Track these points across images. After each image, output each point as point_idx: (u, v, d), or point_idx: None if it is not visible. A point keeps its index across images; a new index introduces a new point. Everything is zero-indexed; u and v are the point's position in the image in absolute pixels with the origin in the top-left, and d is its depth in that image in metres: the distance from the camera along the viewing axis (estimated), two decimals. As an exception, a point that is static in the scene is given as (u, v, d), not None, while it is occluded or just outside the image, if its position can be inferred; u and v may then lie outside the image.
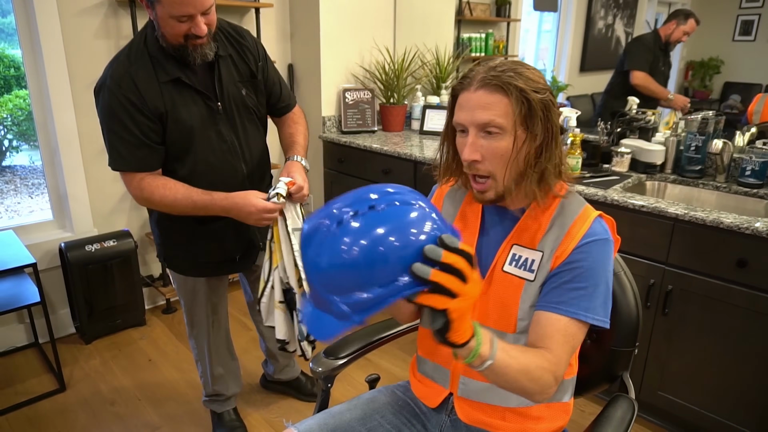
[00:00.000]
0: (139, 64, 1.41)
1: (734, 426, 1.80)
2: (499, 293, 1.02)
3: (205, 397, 1.98)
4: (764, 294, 1.65)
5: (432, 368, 1.12)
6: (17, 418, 2.07)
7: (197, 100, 1.49)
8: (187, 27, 1.35)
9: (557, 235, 0.99)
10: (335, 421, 1.11)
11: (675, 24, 3.23)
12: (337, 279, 0.71)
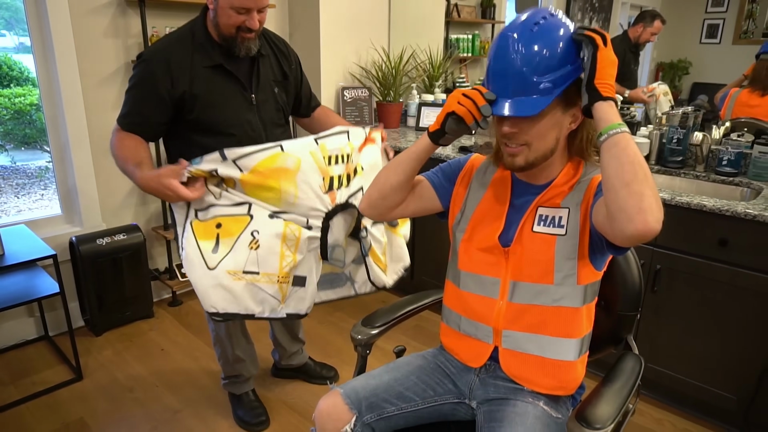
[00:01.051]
0: (178, 47, 1.54)
1: (717, 392, 1.98)
2: (532, 252, 1.14)
3: (224, 380, 2.07)
4: (744, 270, 1.83)
5: (474, 327, 1.23)
6: (37, 406, 2.12)
7: (234, 88, 1.61)
8: (242, 19, 1.50)
9: (579, 193, 1.12)
10: (375, 381, 1.23)
11: (642, 26, 3.44)
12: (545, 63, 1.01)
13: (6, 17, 3.48)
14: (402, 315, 1.40)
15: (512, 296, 1.17)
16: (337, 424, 1.17)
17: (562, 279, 1.12)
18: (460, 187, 1.27)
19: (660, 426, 2.07)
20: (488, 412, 1.18)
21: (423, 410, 1.23)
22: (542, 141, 1.08)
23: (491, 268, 1.20)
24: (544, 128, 1.06)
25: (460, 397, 1.26)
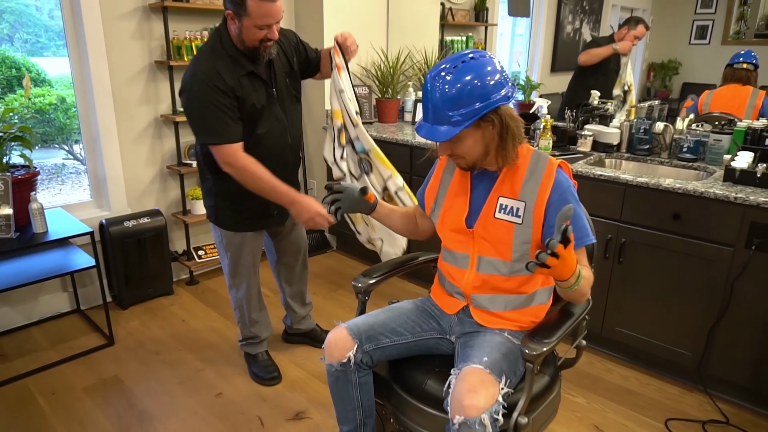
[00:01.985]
0: (220, 61, 1.80)
1: (675, 349, 2.25)
2: (494, 234, 1.41)
3: (242, 341, 2.35)
4: (694, 240, 2.10)
5: (452, 288, 1.52)
6: (76, 366, 2.40)
7: (262, 88, 1.89)
8: (264, 33, 1.77)
9: (533, 187, 1.38)
10: (373, 319, 1.51)
11: (626, 29, 3.66)
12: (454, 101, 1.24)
13: (11, 21, 3.72)
14: (395, 270, 1.68)
15: (478, 267, 1.45)
16: (342, 351, 1.44)
17: (518, 257, 1.40)
18: (435, 182, 1.56)
19: (626, 381, 2.33)
20: (463, 342, 1.45)
21: (412, 343, 1.51)
22: (470, 154, 1.35)
23: (461, 245, 1.48)
24: (467, 147, 1.33)
25: (442, 333, 1.53)
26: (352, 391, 1.48)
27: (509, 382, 1.28)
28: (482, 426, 1.19)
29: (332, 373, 1.47)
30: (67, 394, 2.20)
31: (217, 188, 2.02)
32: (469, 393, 1.21)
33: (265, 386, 2.27)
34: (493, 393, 1.23)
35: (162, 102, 2.97)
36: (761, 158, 2.16)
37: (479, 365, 1.27)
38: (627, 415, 2.12)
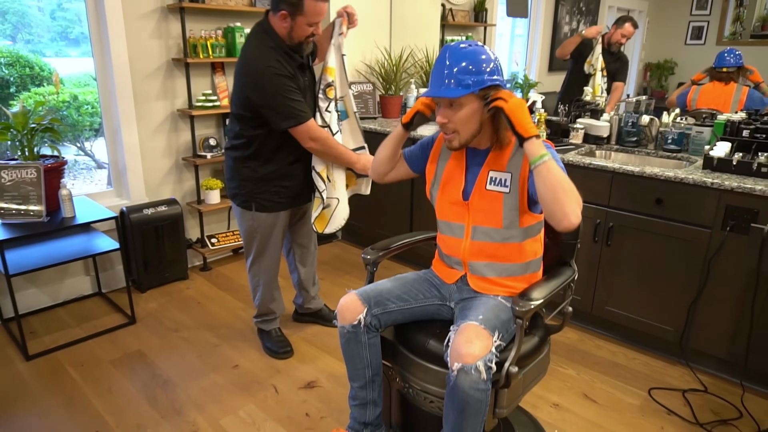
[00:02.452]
0: (277, 55, 2.02)
1: (659, 326, 2.42)
2: (486, 203, 1.59)
3: (258, 318, 2.52)
4: (675, 223, 2.27)
5: (450, 259, 1.69)
6: (102, 341, 2.57)
7: (305, 78, 2.16)
8: (311, 30, 2.04)
9: (518, 160, 1.55)
10: (381, 287, 1.68)
11: (614, 28, 3.83)
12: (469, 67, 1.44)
13: (13, 22, 3.87)
14: (399, 245, 1.86)
15: (473, 236, 1.62)
16: (354, 314, 1.61)
17: (509, 224, 1.57)
18: (432, 162, 1.72)
19: (614, 356, 2.51)
20: (462, 306, 1.63)
21: (416, 308, 1.68)
22: (465, 125, 1.50)
23: (457, 216, 1.65)
24: (464, 115, 1.48)
25: (442, 300, 1.71)
26: (361, 351, 1.65)
27: (501, 337, 1.45)
28: (477, 372, 1.36)
29: (344, 334, 1.64)
30: (95, 366, 2.37)
31: (258, 174, 2.21)
32: (466, 344, 1.38)
33: (279, 359, 2.44)
34: (487, 344, 1.40)
35: (178, 97, 3.14)
36: (738, 148, 2.34)
37: (475, 321, 1.44)
38: (613, 385, 2.29)
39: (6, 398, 2.15)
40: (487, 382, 1.38)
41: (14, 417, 2.04)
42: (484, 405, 1.40)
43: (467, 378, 1.36)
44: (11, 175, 2.41)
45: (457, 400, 1.40)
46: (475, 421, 1.42)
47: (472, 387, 1.37)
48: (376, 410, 1.71)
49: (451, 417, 1.44)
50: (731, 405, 2.16)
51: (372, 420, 1.71)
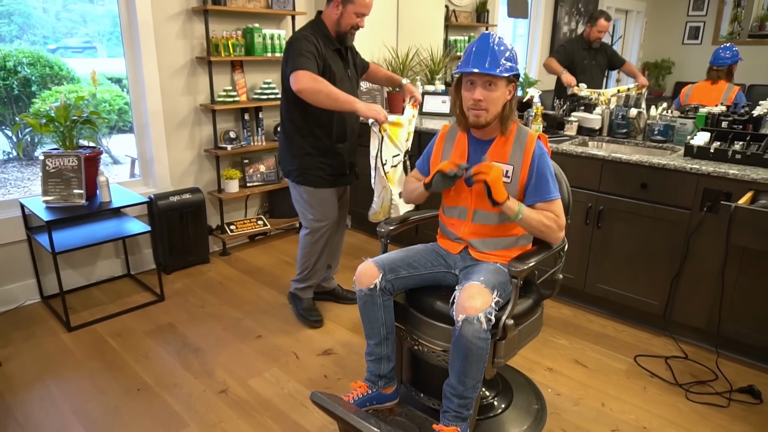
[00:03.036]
0: (314, 34, 2.37)
1: (645, 300, 2.65)
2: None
3: (298, 284, 2.75)
4: (659, 206, 2.50)
5: (453, 235, 1.93)
6: (135, 315, 2.81)
7: (342, 65, 2.47)
8: (357, 21, 2.38)
9: (519, 154, 1.79)
10: (393, 256, 1.91)
11: (589, 26, 4.07)
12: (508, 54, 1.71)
13: (19, 23, 4.04)
14: (409, 222, 2.09)
15: (474, 219, 1.85)
16: (370, 279, 1.84)
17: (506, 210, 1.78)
18: (437, 153, 1.96)
19: (604, 329, 2.73)
20: (465, 272, 1.86)
21: (425, 275, 1.91)
22: (495, 105, 1.74)
23: (461, 201, 1.88)
24: (496, 96, 1.73)
25: (448, 268, 1.94)
26: (377, 312, 1.88)
27: (500, 295, 1.68)
28: (479, 322, 1.59)
29: (362, 297, 1.87)
30: (131, 336, 2.61)
31: (305, 150, 2.49)
32: (469, 299, 1.62)
33: (308, 327, 2.68)
34: (487, 300, 1.63)
35: (201, 93, 3.38)
36: (717, 138, 2.56)
37: (477, 282, 1.68)
38: (602, 353, 2.52)
39: (55, 362, 2.39)
40: (487, 332, 1.61)
41: (64, 377, 2.28)
42: (484, 352, 1.63)
43: (470, 327, 1.59)
44: (55, 163, 2.65)
45: (461, 348, 1.63)
46: (477, 367, 1.65)
47: (474, 335, 1.60)
48: (389, 365, 1.94)
49: (456, 364, 1.67)
50: (708, 369, 2.38)
51: (386, 373, 1.94)
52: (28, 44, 4.42)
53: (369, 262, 1.88)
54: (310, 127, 2.46)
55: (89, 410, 2.08)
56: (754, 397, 2.19)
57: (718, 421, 2.07)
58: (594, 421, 2.06)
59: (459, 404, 1.70)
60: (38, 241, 2.67)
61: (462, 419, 1.72)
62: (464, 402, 1.70)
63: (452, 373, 1.69)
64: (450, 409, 1.71)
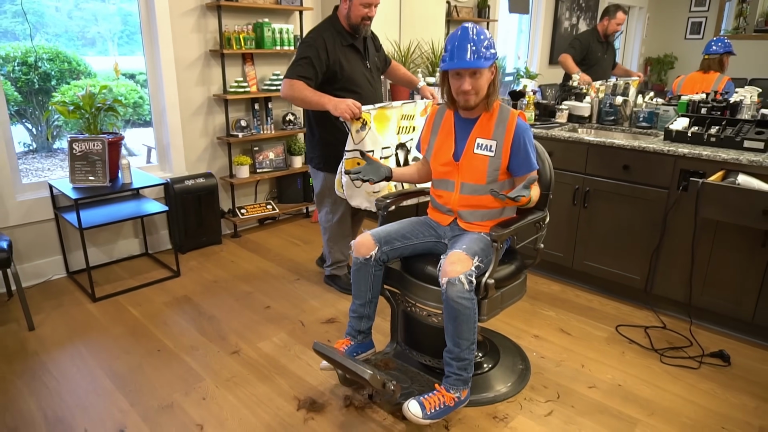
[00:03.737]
0: (328, 33, 2.55)
1: (628, 275, 2.83)
2: (474, 164, 2.00)
3: (330, 266, 2.99)
4: (639, 186, 2.68)
5: (442, 208, 2.12)
6: (153, 289, 3.04)
7: (358, 59, 2.64)
8: (366, 12, 2.51)
9: (502, 130, 1.97)
10: (389, 228, 2.11)
11: (607, 19, 4.12)
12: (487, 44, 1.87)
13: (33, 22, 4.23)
14: (404, 196, 2.29)
15: (461, 191, 2.04)
16: (367, 250, 2.04)
17: (491, 180, 1.99)
18: (427, 132, 2.16)
19: (590, 303, 2.92)
20: (452, 241, 2.05)
21: (417, 244, 2.11)
22: (482, 89, 1.93)
23: (449, 174, 2.07)
24: (483, 81, 1.91)
25: (438, 238, 2.13)
26: (368, 279, 2.07)
27: (481, 260, 1.87)
28: (461, 283, 1.78)
29: (356, 263, 2.07)
30: (151, 306, 2.84)
31: (324, 140, 2.71)
32: (451, 264, 1.81)
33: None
34: (468, 264, 1.82)
35: (214, 83, 3.60)
36: (695, 123, 2.74)
37: (459, 250, 1.87)
38: (586, 323, 2.71)
39: (83, 327, 2.62)
40: (471, 293, 1.81)
41: (91, 340, 2.51)
42: (471, 312, 1.83)
43: (453, 288, 1.79)
44: (81, 147, 2.88)
45: (450, 310, 1.82)
46: (467, 327, 1.84)
47: (458, 296, 1.79)
48: (369, 323, 2.15)
49: (449, 327, 1.86)
50: (684, 337, 2.56)
51: (364, 329, 2.14)
52: (45, 41, 4.63)
53: (367, 235, 2.08)
54: (327, 119, 2.60)
55: (116, 367, 2.31)
56: (724, 361, 2.37)
57: (688, 380, 2.25)
58: (573, 380, 2.25)
59: (458, 367, 1.88)
60: (65, 218, 2.90)
61: (463, 382, 1.90)
62: (463, 364, 1.88)
63: (447, 338, 1.88)
64: (451, 373, 1.90)
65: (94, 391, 2.15)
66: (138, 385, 2.18)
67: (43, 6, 4.18)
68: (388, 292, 2.21)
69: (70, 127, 2.93)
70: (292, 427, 1.96)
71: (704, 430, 1.96)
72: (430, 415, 1.82)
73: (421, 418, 1.81)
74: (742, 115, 2.73)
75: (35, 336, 2.54)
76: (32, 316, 2.65)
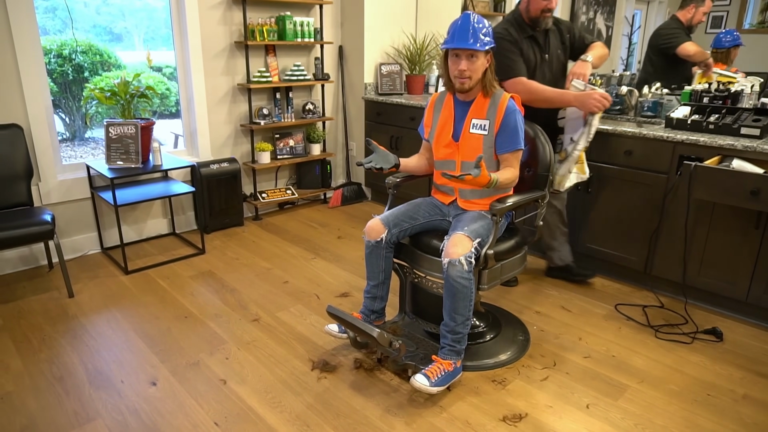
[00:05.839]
0: (511, 27, 2.61)
1: (628, 257, 2.95)
2: (471, 143, 2.15)
3: (558, 261, 3.05)
4: (640, 171, 2.80)
5: (445, 188, 2.28)
6: (180, 264, 3.26)
7: (536, 50, 2.65)
8: (545, 4, 2.52)
9: (494, 110, 2.09)
10: (396, 211, 2.25)
11: (694, 7, 3.68)
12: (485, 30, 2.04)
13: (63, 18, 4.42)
14: (408, 177, 2.46)
15: (462, 170, 2.17)
16: (378, 233, 2.19)
17: (487, 157, 2.13)
18: (429, 117, 2.30)
19: (592, 283, 3.05)
20: (455, 220, 2.21)
21: (424, 223, 2.26)
22: (477, 73, 2.07)
23: (449, 155, 2.22)
24: (478, 64, 2.06)
25: (443, 216, 2.28)
26: (380, 261, 2.24)
27: (481, 241, 2.01)
28: (461, 264, 1.92)
29: (369, 246, 2.24)
30: (178, 279, 3.06)
31: None
32: (453, 246, 1.96)
33: (590, 279, 3.05)
34: (468, 246, 1.96)
35: (238, 73, 3.81)
36: (696, 111, 2.84)
37: (461, 232, 2.01)
38: (587, 301, 2.84)
39: (117, 296, 2.85)
40: (470, 273, 1.96)
41: (125, 306, 2.74)
42: (469, 291, 1.97)
43: (454, 269, 1.94)
44: (116, 131, 3.10)
45: (449, 287, 1.97)
46: (464, 304, 1.99)
47: (458, 275, 1.94)
48: (382, 303, 2.32)
49: (447, 303, 2.01)
50: (680, 315, 2.69)
51: (378, 309, 2.31)
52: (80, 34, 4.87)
53: (376, 219, 2.23)
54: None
55: (147, 330, 2.53)
56: (717, 337, 2.49)
57: (679, 353, 2.38)
58: (570, 350, 2.40)
59: (452, 339, 2.05)
60: (101, 197, 3.14)
61: (456, 353, 2.06)
62: (457, 337, 2.04)
63: (445, 313, 2.04)
64: (446, 344, 2.06)
65: (129, 349, 2.37)
66: (167, 346, 2.40)
67: (72, 1, 4.43)
68: (397, 265, 2.38)
69: (100, 118, 3.15)
70: (306, 384, 2.14)
71: (690, 396, 2.09)
72: (435, 383, 1.98)
73: (428, 386, 1.96)
74: (743, 104, 2.82)
75: (75, 302, 2.77)
76: (72, 285, 2.89)
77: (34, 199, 3.03)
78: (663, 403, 2.05)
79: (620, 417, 1.97)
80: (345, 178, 4.63)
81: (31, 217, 2.70)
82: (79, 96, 5.43)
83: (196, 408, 2.00)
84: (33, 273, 3.11)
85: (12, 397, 2.04)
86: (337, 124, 4.51)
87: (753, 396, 2.10)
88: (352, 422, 1.93)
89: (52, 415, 1.95)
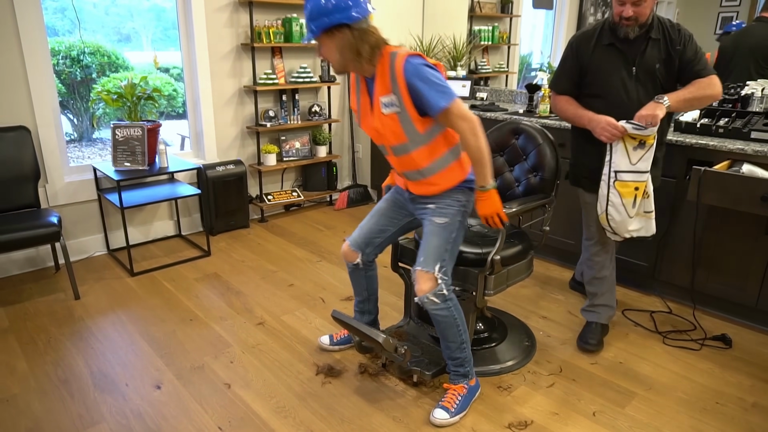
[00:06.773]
0: (587, 34, 2.24)
1: (637, 263, 2.92)
2: (388, 126, 1.78)
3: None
4: (649, 175, 2.77)
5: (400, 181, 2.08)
6: (186, 266, 3.26)
7: (619, 61, 2.16)
8: (621, 10, 2.06)
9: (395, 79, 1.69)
10: (364, 230, 2.11)
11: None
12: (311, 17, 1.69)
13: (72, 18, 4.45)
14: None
15: (395, 153, 1.88)
16: (352, 258, 2.14)
17: (411, 136, 1.79)
18: (353, 97, 1.96)
19: (599, 289, 3.02)
20: (420, 230, 2.15)
21: (397, 231, 2.15)
22: (331, 58, 1.76)
23: (378, 139, 1.90)
24: (327, 51, 1.75)
25: (409, 216, 2.15)
26: (361, 279, 2.21)
27: (443, 263, 1.85)
28: (431, 300, 1.85)
29: (349, 267, 2.20)
30: (183, 281, 3.06)
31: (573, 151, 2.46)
32: (418, 284, 1.85)
33: None
34: (432, 281, 1.83)
35: (244, 75, 3.81)
36: (705, 115, 2.81)
37: (419, 267, 1.85)
38: (594, 306, 2.82)
39: (122, 298, 2.86)
40: (446, 302, 1.87)
41: (130, 309, 2.74)
42: (451, 318, 1.90)
43: (428, 305, 1.87)
44: (123, 133, 3.11)
45: (433, 318, 1.91)
46: (452, 332, 1.93)
47: (434, 310, 1.88)
48: (370, 317, 2.30)
49: (438, 331, 1.96)
50: (688, 321, 2.65)
51: (368, 322, 2.29)
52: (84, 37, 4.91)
53: (346, 245, 2.16)
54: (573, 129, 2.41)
55: (152, 332, 2.53)
56: (725, 344, 2.46)
57: (688, 360, 2.35)
58: (577, 357, 2.37)
59: (454, 364, 2.01)
60: (108, 198, 3.14)
61: (463, 376, 2.02)
62: (457, 362, 2.00)
63: (440, 340, 2.00)
64: (451, 370, 2.04)
65: (134, 352, 2.37)
66: (172, 349, 2.39)
67: (81, 2, 4.43)
68: (402, 269, 2.36)
69: (108, 119, 3.16)
70: (310, 389, 2.13)
71: (698, 403, 2.07)
72: (455, 411, 1.94)
73: (450, 418, 1.93)
74: (753, 108, 2.79)
75: (80, 304, 2.78)
76: (78, 287, 2.89)
77: (41, 200, 3.04)
78: (671, 411, 2.02)
79: (627, 425, 1.95)
80: (351, 180, 4.63)
81: (38, 219, 2.71)
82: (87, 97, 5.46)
83: (200, 412, 1.99)
84: (39, 274, 3.12)
85: (17, 400, 2.05)
86: (343, 126, 4.50)
87: (763, 404, 2.07)
88: (357, 428, 1.92)
89: (56, 418, 1.96)
